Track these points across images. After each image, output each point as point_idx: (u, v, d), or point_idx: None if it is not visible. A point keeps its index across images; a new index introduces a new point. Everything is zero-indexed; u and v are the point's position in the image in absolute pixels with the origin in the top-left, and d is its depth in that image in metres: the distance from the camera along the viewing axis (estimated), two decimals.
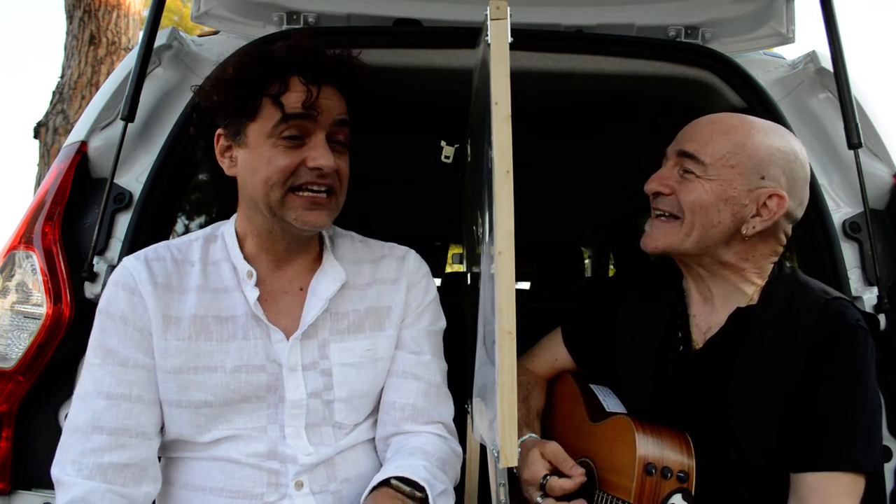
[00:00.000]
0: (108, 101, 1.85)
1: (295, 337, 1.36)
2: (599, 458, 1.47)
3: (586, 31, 1.95)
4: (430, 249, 5.47)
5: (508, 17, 1.07)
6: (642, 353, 1.54)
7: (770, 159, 1.37)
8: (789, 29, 1.91)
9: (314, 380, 1.37)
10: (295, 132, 1.30)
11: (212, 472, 1.34)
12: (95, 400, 1.30)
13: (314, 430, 1.37)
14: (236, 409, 1.33)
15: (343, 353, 1.39)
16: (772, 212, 1.37)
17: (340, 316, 1.41)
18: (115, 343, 1.33)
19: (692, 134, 1.43)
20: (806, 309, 1.38)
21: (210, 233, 1.47)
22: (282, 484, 1.33)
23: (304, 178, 1.31)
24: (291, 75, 1.31)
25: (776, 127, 1.44)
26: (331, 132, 1.34)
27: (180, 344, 1.33)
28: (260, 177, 1.31)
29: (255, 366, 1.34)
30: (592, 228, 4.90)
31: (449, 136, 2.03)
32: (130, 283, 1.35)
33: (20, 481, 1.64)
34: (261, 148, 1.31)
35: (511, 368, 1.00)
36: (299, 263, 1.44)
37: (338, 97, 1.35)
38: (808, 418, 1.34)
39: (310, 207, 1.32)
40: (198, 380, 1.32)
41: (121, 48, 5.82)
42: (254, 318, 1.36)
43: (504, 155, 1.03)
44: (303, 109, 1.29)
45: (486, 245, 1.13)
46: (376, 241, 1.57)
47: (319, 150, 1.30)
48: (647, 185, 1.47)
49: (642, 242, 1.48)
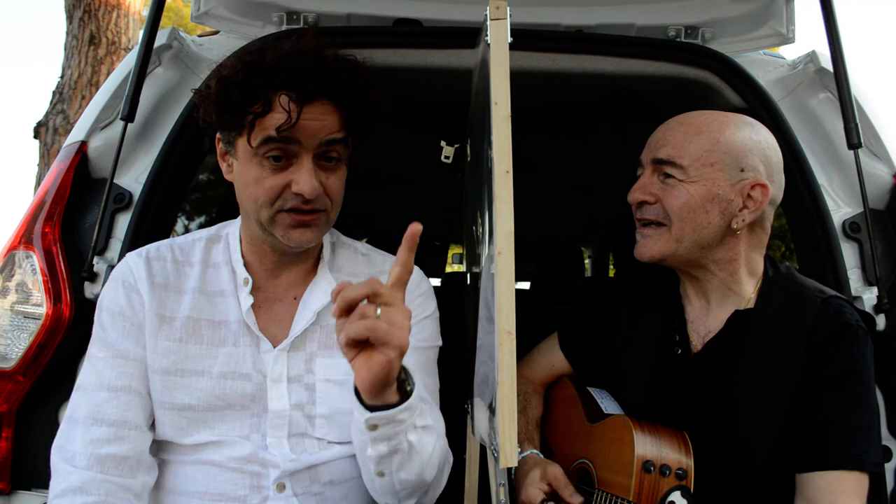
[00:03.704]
0: (108, 101, 1.85)
1: (281, 348, 1.35)
2: (598, 459, 1.47)
3: (586, 31, 1.95)
4: (430, 249, 5.47)
5: (508, 17, 1.07)
6: (640, 356, 1.54)
7: (746, 150, 1.38)
8: (789, 29, 1.91)
9: (298, 392, 1.35)
10: (279, 154, 1.26)
11: (194, 476, 1.33)
12: (97, 392, 1.30)
13: (296, 439, 1.35)
14: (219, 416, 1.33)
15: (328, 370, 1.37)
16: (757, 202, 1.38)
17: (330, 329, 1.38)
18: (115, 337, 1.34)
19: (665, 139, 1.43)
20: (804, 309, 1.39)
21: (215, 233, 1.47)
22: (264, 486, 1.32)
23: (291, 202, 1.28)
24: (277, 92, 1.24)
25: (741, 117, 1.45)
26: (320, 152, 1.29)
27: (170, 345, 1.33)
28: (250, 194, 1.30)
29: (241, 374, 1.34)
30: (592, 228, 4.90)
31: (449, 136, 2.03)
32: (130, 280, 1.36)
33: (20, 481, 1.64)
34: (249, 164, 1.29)
35: (511, 368, 0.99)
36: (295, 272, 1.42)
37: (331, 113, 1.28)
38: (812, 418, 1.34)
39: (295, 226, 1.30)
40: (183, 382, 1.32)
41: (121, 48, 5.82)
42: (245, 325, 1.36)
43: (504, 155, 1.02)
44: (282, 134, 1.23)
45: (486, 245, 1.13)
46: (381, 254, 1.53)
47: (303, 175, 1.26)
48: (630, 195, 1.46)
49: (636, 252, 1.48)
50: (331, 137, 1.29)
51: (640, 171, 1.48)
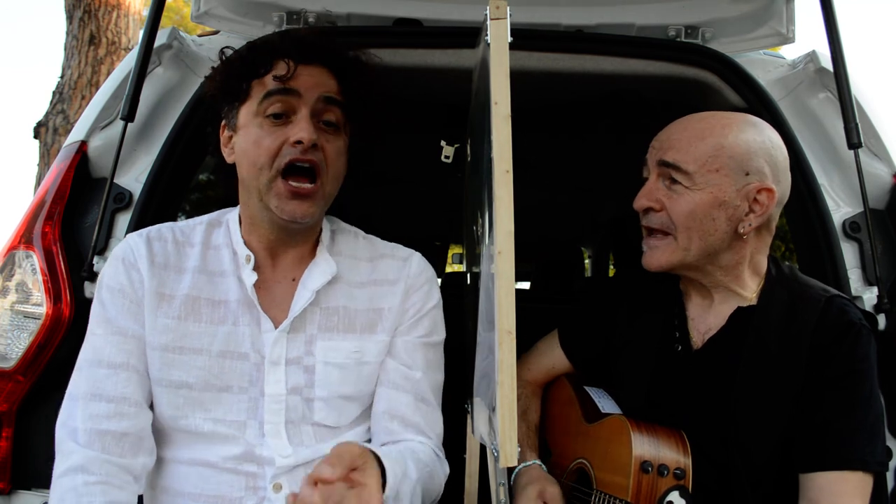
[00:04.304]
0: (108, 101, 1.85)
1: (282, 329, 1.36)
2: (595, 459, 1.47)
3: (586, 31, 1.95)
4: (430, 249, 5.47)
5: (508, 16, 1.07)
6: (640, 356, 1.54)
7: (750, 153, 1.36)
8: (789, 29, 1.91)
9: (296, 375, 1.35)
10: (278, 109, 1.31)
11: (189, 477, 1.33)
12: (96, 369, 1.32)
13: (294, 428, 1.35)
14: (216, 398, 1.33)
15: (329, 352, 1.37)
16: (764, 206, 1.36)
17: (330, 311, 1.40)
18: (115, 314, 1.34)
19: (669, 142, 1.41)
20: (807, 308, 1.38)
21: (215, 218, 1.48)
22: (260, 487, 1.32)
23: (288, 155, 1.29)
24: (277, 58, 1.33)
25: (746, 117, 1.43)
26: (317, 109, 1.33)
27: (169, 322, 1.34)
28: (249, 159, 1.32)
29: (239, 353, 1.34)
30: (592, 228, 4.90)
31: (449, 136, 2.03)
32: (130, 259, 1.37)
33: (20, 481, 1.64)
34: (249, 128, 1.33)
35: (511, 368, 0.99)
36: (293, 254, 1.43)
37: (326, 75, 1.36)
38: (815, 418, 1.34)
39: (291, 197, 1.31)
40: (182, 360, 1.32)
41: (121, 48, 5.82)
42: (245, 305, 1.36)
43: (504, 154, 1.02)
44: (282, 84, 1.30)
45: (486, 245, 1.13)
46: (383, 241, 1.54)
47: (301, 125, 1.30)
48: (637, 201, 1.45)
49: (644, 262, 1.46)
50: (328, 95, 1.34)
51: (646, 173, 1.46)
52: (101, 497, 1.23)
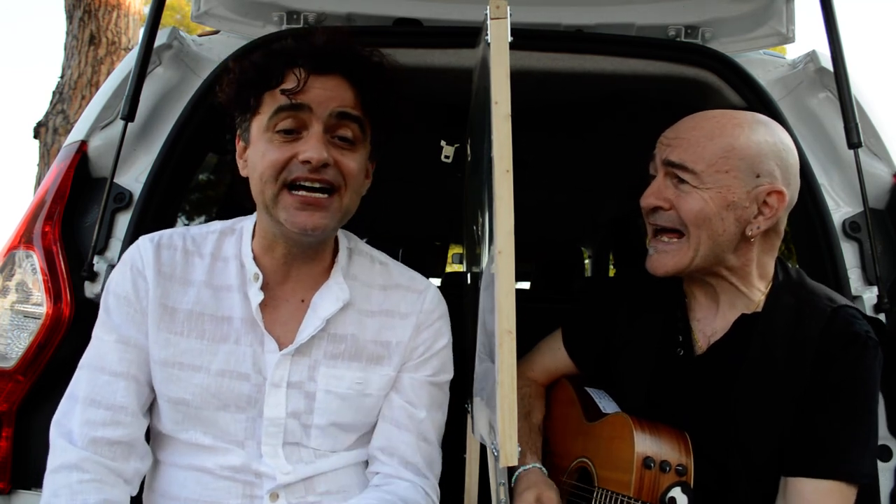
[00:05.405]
0: (108, 101, 1.85)
1: (286, 353, 1.32)
2: (597, 457, 1.47)
3: (586, 31, 1.95)
4: (430, 249, 5.47)
5: (508, 16, 1.07)
6: (640, 357, 1.53)
7: (762, 155, 1.33)
8: (789, 29, 1.91)
9: (296, 400, 1.32)
10: (289, 125, 1.25)
11: (186, 483, 1.33)
12: (98, 374, 1.31)
13: (292, 448, 1.33)
14: (213, 416, 1.31)
15: (331, 380, 1.34)
16: (773, 209, 1.34)
17: (338, 339, 1.36)
18: (119, 321, 1.33)
19: (677, 140, 1.38)
20: (813, 317, 1.36)
21: (229, 226, 1.43)
22: (256, 496, 1.31)
23: (296, 172, 1.24)
24: (289, 68, 1.25)
25: (756, 117, 1.40)
26: (330, 125, 1.26)
27: (171, 337, 1.32)
28: (256, 173, 1.27)
29: (240, 373, 1.31)
30: (592, 228, 4.90)
31: (449, 136, 2.02)
32: (138, 265, 1.35)
33: (20, 481, 1.64)
34: (259, 142, 1.28)
35: (511, 368, 0.99)
36: (305, 273, 1.38)
37: (343, 88, 1.27)
38: (810, 425, 1.33)
39: (301, 207, 1.25)
40: (180, 376, 1.31)
41: (121, 48, 5.82)
42: (249, 323, 1.33)
43: (504, 154, 1.02)
44: (291, 100, 1.23)
45: (486, 245, 1.13)
46: (400, 266, 1.48)
47: (310, 143, 1.23)
48: (644, 199, 1.42)
49: (649, 266, 1.43)
50: (343, 110, 1.26)
51: (653, 170, 1.43)
52: (95, 495, 1.23)
